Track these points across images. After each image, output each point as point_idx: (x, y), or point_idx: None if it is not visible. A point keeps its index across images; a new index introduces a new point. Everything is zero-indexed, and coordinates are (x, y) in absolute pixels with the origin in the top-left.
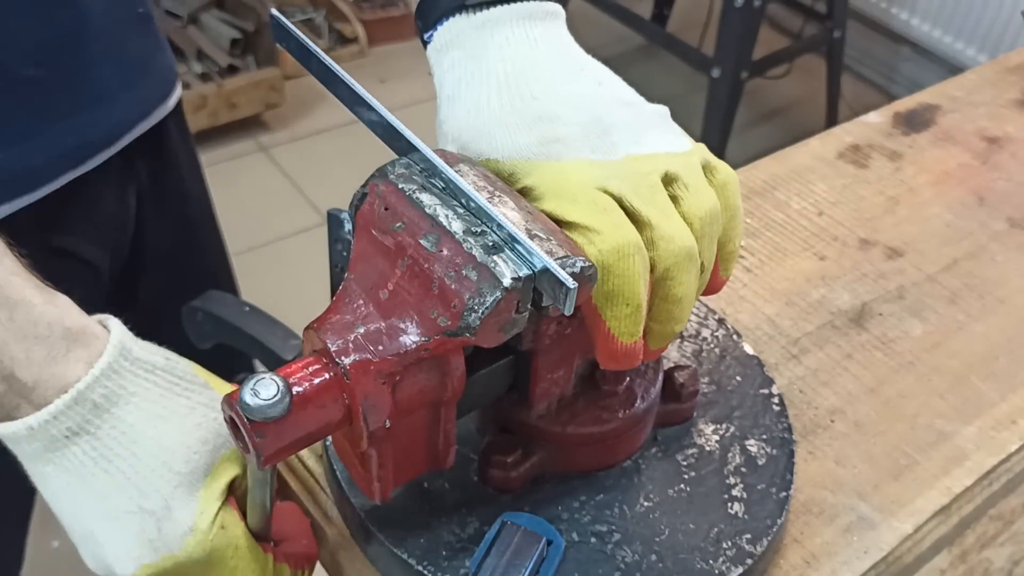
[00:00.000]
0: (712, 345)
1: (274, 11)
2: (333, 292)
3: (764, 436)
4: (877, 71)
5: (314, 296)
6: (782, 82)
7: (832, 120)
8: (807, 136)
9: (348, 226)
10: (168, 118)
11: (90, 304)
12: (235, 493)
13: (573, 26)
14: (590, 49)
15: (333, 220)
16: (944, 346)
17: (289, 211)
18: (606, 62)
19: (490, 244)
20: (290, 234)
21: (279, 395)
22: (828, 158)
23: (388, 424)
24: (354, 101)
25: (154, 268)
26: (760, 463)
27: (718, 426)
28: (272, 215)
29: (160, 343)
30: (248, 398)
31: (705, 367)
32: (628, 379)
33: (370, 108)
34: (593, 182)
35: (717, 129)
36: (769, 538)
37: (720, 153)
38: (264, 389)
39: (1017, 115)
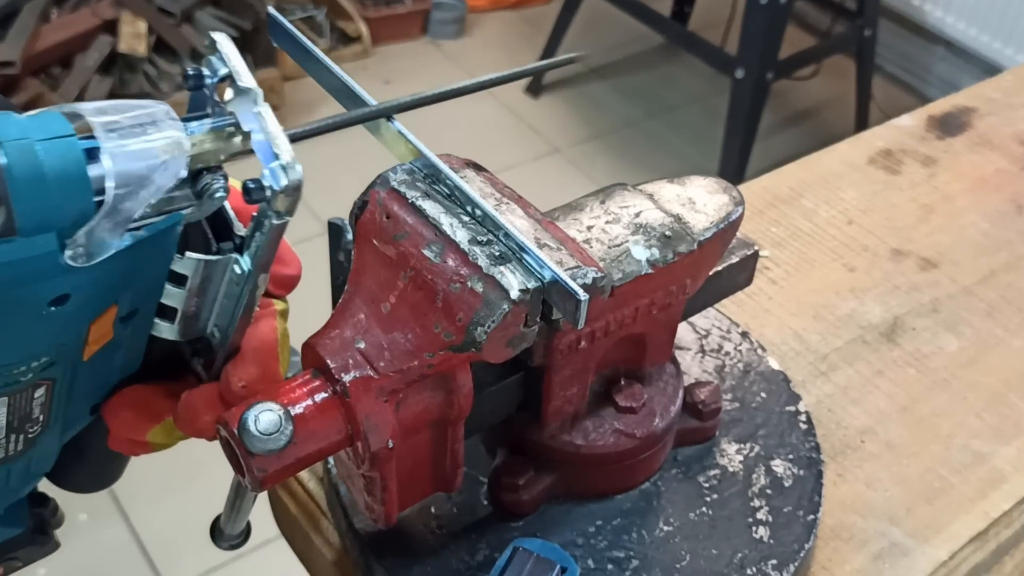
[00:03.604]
0: (735, 360)
1: (271, 9)
2: (333, 305)
3: (790, 456)
4: (910, 72)
5: (313, 309)
6: (810, 83)
7: (862, 124)
8: (836, 140)
9: (349, 235)
10: None
11: None
12: None
13: (588, 24)
14: (606, 49)
15: (334, 229)
16: (981, 362)
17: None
18: (622, 63)
19: (497, 254)
20: (289, 243)
21: (281, 425)
22: (858, 164)
23: (391, 444)
24: (356, 104)
25: None
26: (786, 485)
27: (742, 446)
28: None
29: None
30: (251, 429)
31: (728, 383)
32: (646, 396)
33: (373, 112)
34: None
35: (741, 133)
36: (796, 564)
37: (744, 158)
38: (265, 419)
39: None
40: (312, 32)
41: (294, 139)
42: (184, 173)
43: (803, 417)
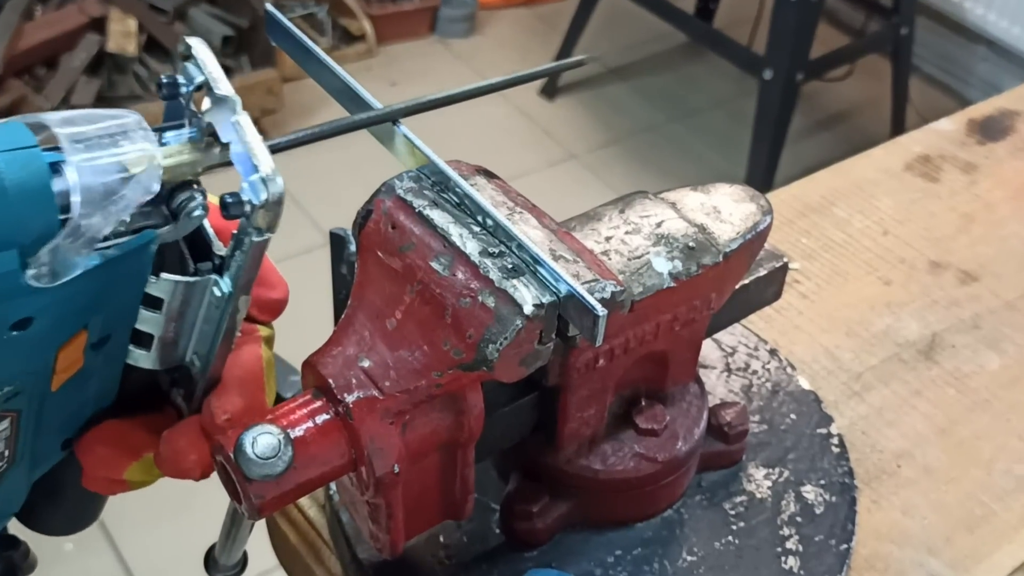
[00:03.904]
0: (763, 379)
1: (269, 6)
2: (335, 321)
3: (822, 482)
4: (949, 72)
5: (315, 325)
6: (842, 85)
7: (899, 128)
8: (870, 146)
9: (352, 247)
10: None
11: None
12: None
13: (606, 22)
14: (625, 48)
15: (336, 240)
16: None
17: (287, 230)
18: (643, 63)
19: (509, 267)
20: (288, 256)
21: (280, 449)
22: (894, 170)
23: (397, 469)
24: (359, 107)
25: None
26: (817, 512)
27: (770, 470)
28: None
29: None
30: (248, 453)
31: (755, 404)
32: (669, 418)
33: (378, 116)
34: None
35: (769, 138)
36: None
37: (772, 164)
38: (263, 443)
39: None
40: (313, 30)
41: (294, 144)
42: (157, 187)
43: (835, 440)
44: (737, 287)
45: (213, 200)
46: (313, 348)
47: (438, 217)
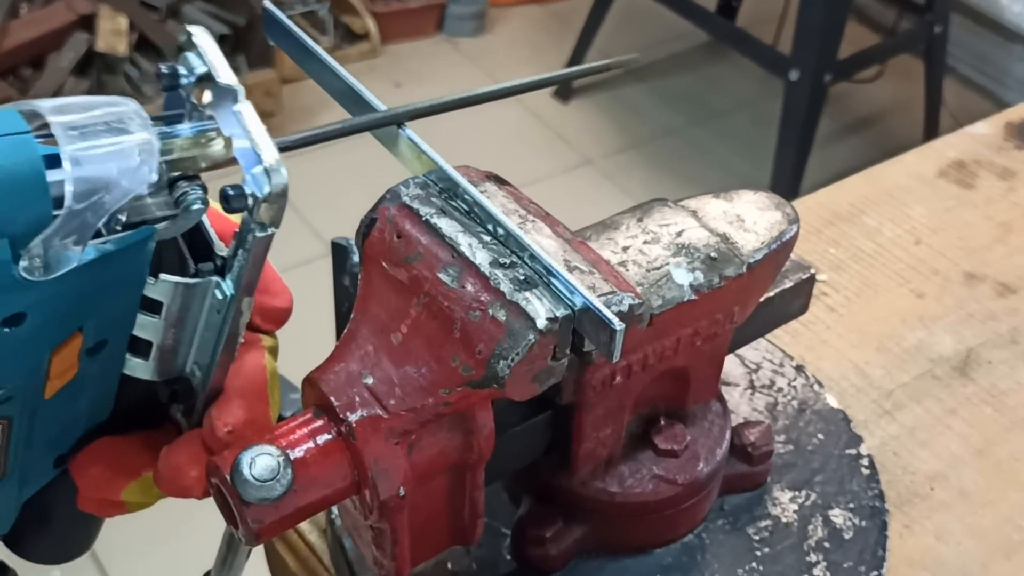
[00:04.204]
0: (789, 397)
1: (267, 3)
2: (338, 336)
3: (851, 505)
4: (986, 73)
5: (316, 340)
6: (873, 86)
7: (932, 131)
8: (902, 150)
9: (355, 257)
10: None
11: None
12: None
13: (623, 20)
14: (644, 47)
15: (338, 250)
16: None
17: (287, 239)
18: (662, 63)
19: (521, 278)
20: (288, 267)
21: (279, 471)
22: (927, 177)
23: (403, 492)
24: (363, 110)
25: None
26: (846, 537)
27: (796, 493)
28: None
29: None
30: (245, 475)
31: (781, 423)
32: (689, 438)
33: (382, 118)
34: None
35: (795, 142)
36: None
37: (799, 170)
38: (261, 464)
39: None
40: (314, 29)
41: (293, 146)
42: (155, 177)
43: (865, 461)
44: (761, 300)
45: (215, 206)
46: (314, 364)
47: (446, 226)
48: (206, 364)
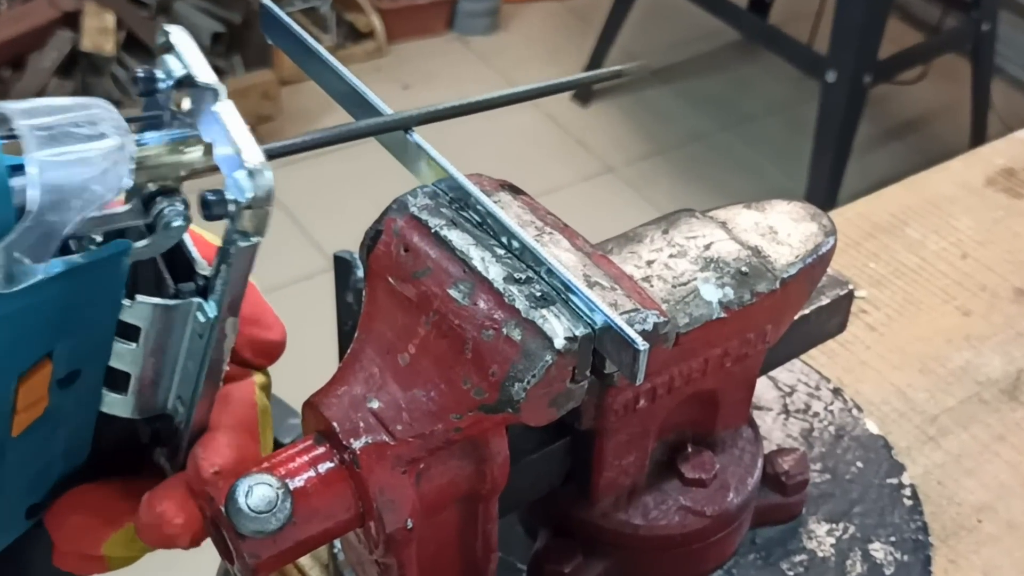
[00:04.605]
0: (825, 422)
1: None
2: (341, 356)
3: (892, 538)
4: None
5: (317, 361)
6: (915, 88)
7: (979, 137)
8: (947, 157)
9: (360, 272)
10: None
11: None
12: None
13: (648, 18)
14: (670, 46)
15: (341, 265)
16: None
17: (286, 253)
18: (689, 63)
19: (538, 295)
20: (287, 282)
21: (277, 501)
22: (974, 185)
23: (411, 525)
24: (368, 113)
25: None
26: (887, 573)
27: (834, 526)
28: (265, 257)
29: None
30: (242, 506)
31: (817, 450)
32: (718, 466)
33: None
34: None
35: (832, 147)
36: None
37: (837, 178)
38: (259, 494)
39: None
40: (315, 27)
41: (292, 151)
42: (129, 183)
43: (907, 491)
44: (796, 318)
45: (201, 232)
46: (315, 387)
47: (457, 238)
48: (189, 397)
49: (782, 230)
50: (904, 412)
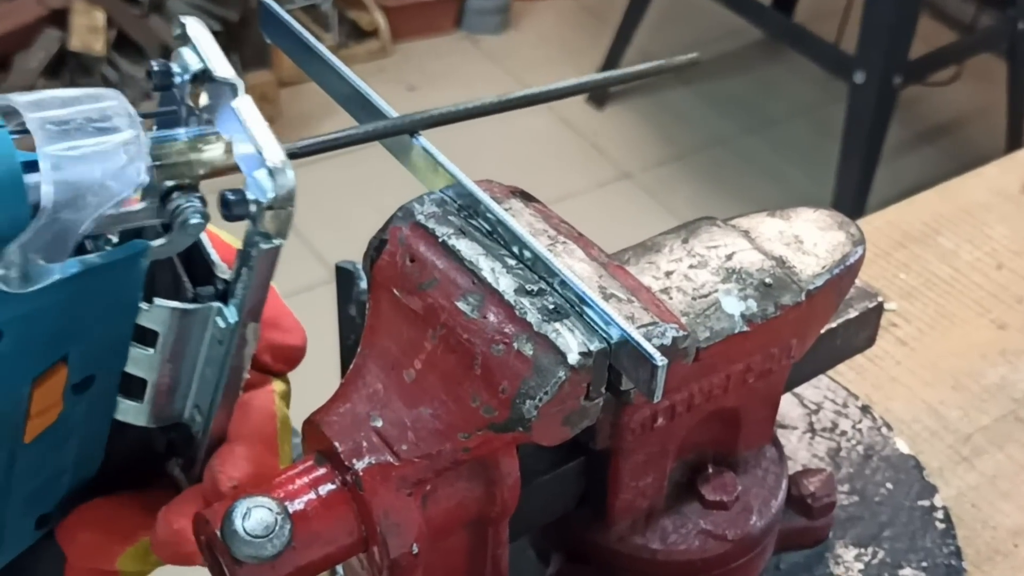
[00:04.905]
0: (854, 442)
1: None
2: (343, 372)
3: (924, 564)
4: None
5: (318, 377)
6: (948, 90)
7: (1015, 141)
8: (982, 162)
9: (363, 283)
10: None
11: None
12: None
13: (667, 15)
14: (689, 45)
15: (343, 276)
16: None
17: (285, 263)
18: (710, 64)
19: (551, 307)
20: (286, 294)
21: (276, 525)
22: (1010, 192)
23: (416, 550)
24: (371, 116)
25: None
26: None
27: (862, 550)
28: None
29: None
30: (239, 530)
31: (844, 471)
32: (741, 488)
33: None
34: None
35: (861, 153)
36: None
37: (865, 185)
38: (256, 517)
39: None
40: (316, 25)
41: (292, 156)
42: (145, 179)
43: (940, 514)
44: (822, 332)
45: (219, 233)
46: (315, 404)
47: (466, 248)
48: (207, 406)
49: (808, 239)
50: (936, 431)
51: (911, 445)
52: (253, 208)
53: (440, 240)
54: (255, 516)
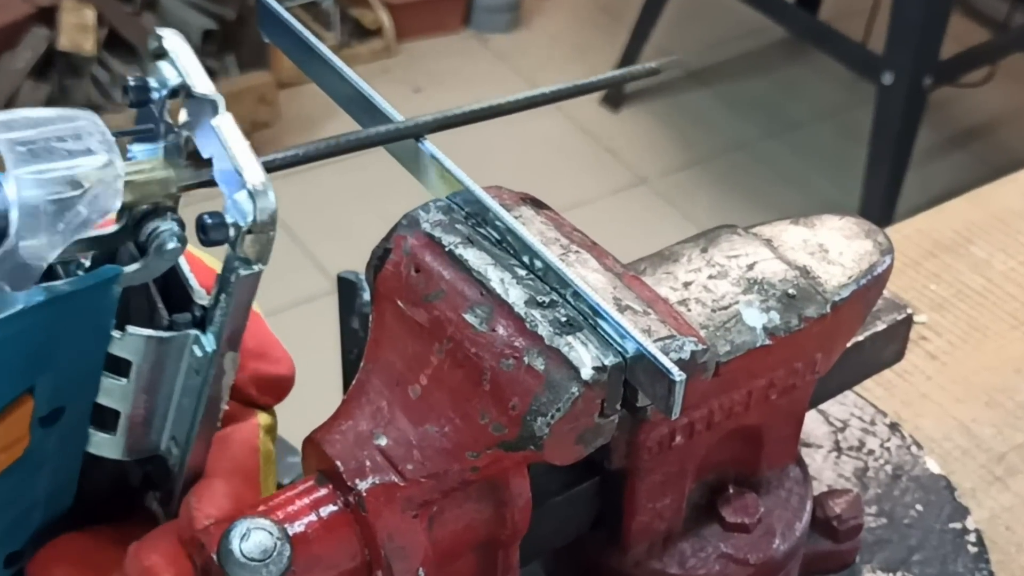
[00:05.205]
0: (882, 461)
1: None
2: (345, 388)
3: None
4: None
5: (319, 393)
6: (981, 91)
7: None
8: (1016, 167)
9: (366, 295)
10: None
11: None
12: None
13: (686, 14)
14: (709, 45)
15: (346, 287)
16: None
17: (285, 274)
18: (730, 64)
19: (563, 320)
20: (286, 305)
21: (275, 549)
22: None
23: (423, 574)
24: (375, 120)
25: None
26: None
27: (891, 575)
28: (261, 279)
29: None
30: (236, 554)
31: (872, 492)
32: (763, 509)
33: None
34: None
35: (889, 157)
36: None
37: (894, 190)
38: (255, 540)
39: None
40: (317, 23)
41: (292, 163)
42: (117, 205)
43: (972, 537)
44: (849, 346)
45: (199, 254)
46: (316, 422)
47: (474, 258)
48: (184, 438)
49: (833, 248)
50: (968, 449)
51: (942, 465)
52: (232, 232)
53: (447, 249)
54: (253, 539)
